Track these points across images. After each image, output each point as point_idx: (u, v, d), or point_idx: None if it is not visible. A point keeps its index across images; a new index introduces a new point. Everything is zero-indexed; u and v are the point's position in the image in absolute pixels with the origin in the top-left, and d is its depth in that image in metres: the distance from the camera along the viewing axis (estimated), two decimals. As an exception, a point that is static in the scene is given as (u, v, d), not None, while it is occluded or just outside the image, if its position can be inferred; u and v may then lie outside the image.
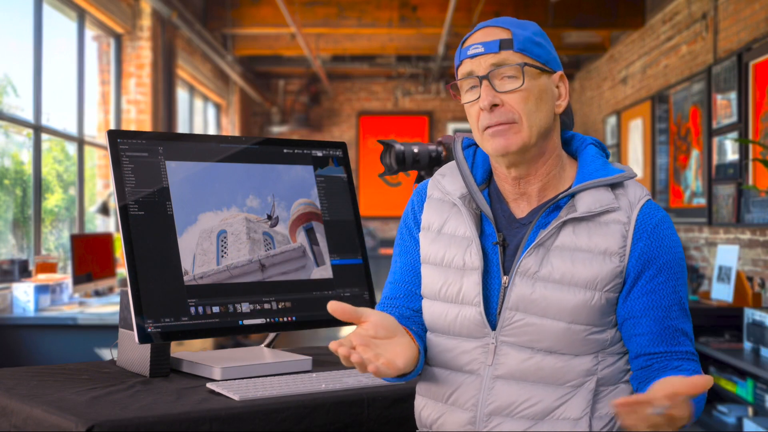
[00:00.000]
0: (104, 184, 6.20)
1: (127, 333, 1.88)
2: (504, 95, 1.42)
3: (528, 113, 1.42)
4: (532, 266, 1.41)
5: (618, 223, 1.42)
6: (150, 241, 1.78)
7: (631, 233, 1.42)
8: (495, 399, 1.41)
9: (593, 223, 1.42)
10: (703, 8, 5.96)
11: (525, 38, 1.44)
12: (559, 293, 1.40)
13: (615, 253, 1.41)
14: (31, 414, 1.55)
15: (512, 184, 1.48)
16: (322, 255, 2.01)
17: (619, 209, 1.43)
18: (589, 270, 1.40)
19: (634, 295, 1.42)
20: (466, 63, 1.46)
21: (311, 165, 2.06)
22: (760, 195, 4.86)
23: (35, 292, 4.35)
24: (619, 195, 1.45)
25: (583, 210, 1.42)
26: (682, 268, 1.46)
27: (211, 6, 7.81)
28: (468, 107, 1.47)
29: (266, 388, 1.67)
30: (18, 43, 5.20)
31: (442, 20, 7.42)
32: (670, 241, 1.44)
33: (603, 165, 1.47)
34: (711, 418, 4.69)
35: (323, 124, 11.21)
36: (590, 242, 1.41)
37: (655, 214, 1.45)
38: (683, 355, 1.43)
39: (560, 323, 1.40)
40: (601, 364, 1.42)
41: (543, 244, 1.42)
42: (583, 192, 1.44)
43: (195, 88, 8.74)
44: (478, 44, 1.44)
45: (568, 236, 1.42)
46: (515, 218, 1.48)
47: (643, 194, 1.46)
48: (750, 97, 5.07)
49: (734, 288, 4.90)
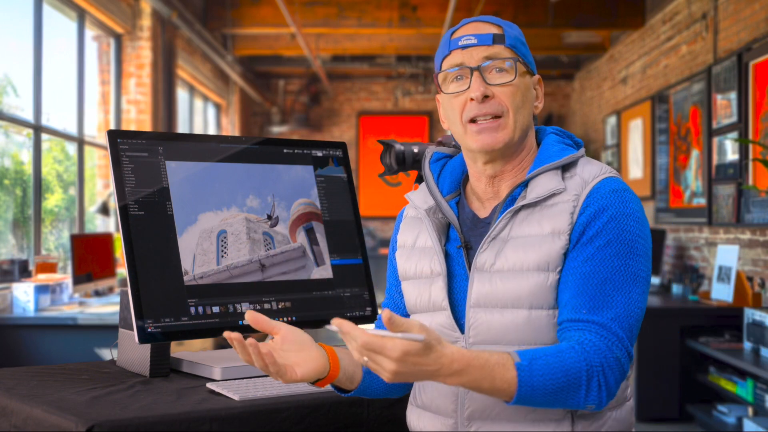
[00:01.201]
0: (104, 184, 6.20)
1: (127, 333, 1.88)
2: (495, 88, 1.43)
3: (515, 108, 1.44)
4: (487, 260, 1.42)
5: (566, 203, 1.40)
6: (150, 241, 1.78)
7: (579, 208, 1.39)
8: (471, 403, 1.40)
9: (543, 207, 1.41)
10: (703, 8, 5.96)
11: (515, 36, 1.47)
12: (515, 281, 1.39)
13: (564, 231, 1.38)
14: (31, 414, 1.55)
15: (486, 183, 1.49)
16: (322, 255, 2.01)
17: (564, 190, 1.41)
18: (538, 253, 1.38)
19: (568, 259, 1.37)
20: (456, 54, 1.45)
21: (311, 165, 2.06)
22: (760, 195, 4.86)
23: (35, 292, 4.35)
24: (570, 177, 1.43)
25: (531, 197, 1.41)
26: (631, 240, 1.36)
27: (211, 6, 7.81)
28: (451, 98, 1.46)
29: (266, 388, 1.67)
30: (18, 43, 5.20)
31: (442, 20, 7.42)
32: (619, 209, 1.37)
33: (559, 151, 1.46)
34: (711, 418, 4.68)
35: (323, 124, 11.21)
36: (540, 228, 1.40)
37: (611, 185, 1.40)
38: (585, 326, 1.33)
39: (521, 311, 1.38)
40: None
41: (497, 237, 1.42)
42: (536, 179, 1.44)
43: (195, 88, 8.74)
44: (470, 35, 1.45)
45: (520, 225, 1.41)
46: (479, 219, 1.49)
47: (601, 172, 1.43)
48: (750, 97, 5.07)
49: (734, 288, 4.90)
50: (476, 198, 1.52)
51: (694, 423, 5.06)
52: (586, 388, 1.28)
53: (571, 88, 10.55)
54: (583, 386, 1.28)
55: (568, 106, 10.71)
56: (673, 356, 5.13)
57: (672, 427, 5.12)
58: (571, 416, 1.37)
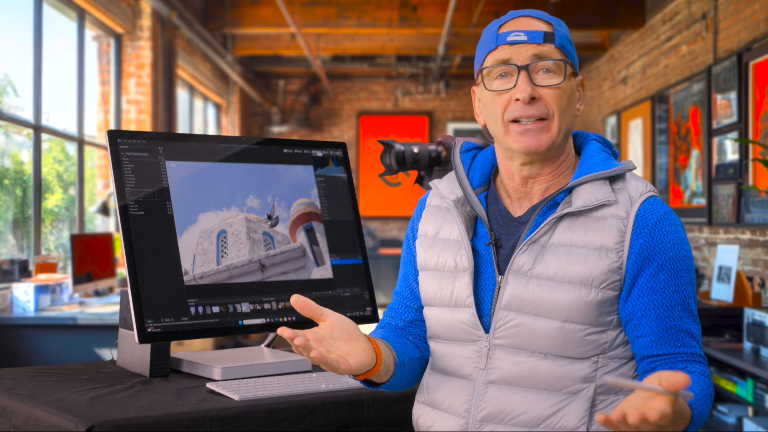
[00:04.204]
0: (104, 184, 6.20)
1: (127, 333, 1.88)
2: (542, 89, 1.38)
3: (561, 111, 1.39)
4: (525, 264, 1.37)
5: (615, 218, 1.36)
6: (150, 241, 1.78)
7: (630, 229, 1.35)
8: (487, 405, 1.37)
9: (590, 218, 1.37)
10: (703, 8, 5.96)
11: (564, 36, 1.41)
12: (553, 291, 1.35)
13: (612, 248, 1.35)
14: (31, 414, 1.55)
15: (520, 183, 1.44)
16: (322, 255, 2.01)
17: (616, 203, 1.37)
18: (583, 266, 1.34)
19: (635, 294, 1.36)
20: (503, 49, 1.39)
21: (311, 165, 2.06)
22: (760, 195, 4.86)
23: (35, 292, 4.35)
24: (618, 189, 1.39)
25: (578, 205, 1.37)
26: (688, 267, 1.38)
27: (211, 6, 7.81)
28: (494, 96, 1.40)
29: (266, 388, 1.67)
30: (18, 43, 5.20)
31: (442, 20, 7.42)
32: (673, 237, 1.37)
33: (604, 160, 1.42)
34: (711, 418, 4.68)
35: (323, 124, 11.21)
36: (586, 238, 1.36)
37: (658, 210, 1.38)
38: (689, 357, 1.36)
39: (554, 322, 1.34)
40: (601, 371, 1.35)
41: (538, 241, 1.38)
42: (581, 187, 1.39)
43: (195, 88, 8.74)
44: (519, 32, 1.38)
45: (564, 233, 1.37)
46: (513, 217, 1.45)
47: (647, 190, 1.40)
48: (750, 97, 5.07)
49: (734, 288, 4.90)
50: (507, 195, 1.47)
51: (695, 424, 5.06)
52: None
53: (571, 88, 10.55)
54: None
55: (568, 106, 10.71)
56: (673, 356, 5.12)
57: (672, 427, 5.11)
58: (586, 426, 1.34)
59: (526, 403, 1.35)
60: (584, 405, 1.34)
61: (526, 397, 1.35)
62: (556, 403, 1.34)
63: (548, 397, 1.35)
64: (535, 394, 1.35)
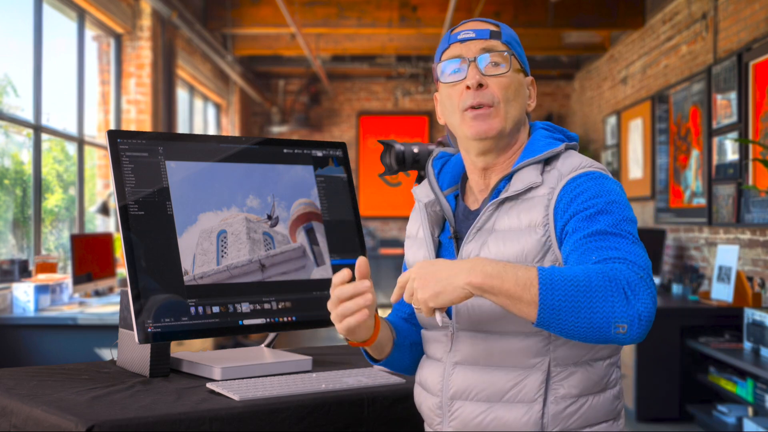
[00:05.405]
0: (104, 184, 6.20)
1: (127, 333, 1.88)
2: (489, 78, 1.50)
3: (506, 100, 1.50)
4: (473, 251, 1.48)
5: (542, 197, 1.45)
6: (150, 241, 1.78)
7: (554, 201, 1.43)
8: (454, 384, 1.48)
9: (521, 201, 1.47)
10: (703, 8, 5.96)
11: (511, 35, 1.56)
12: None
13: (539, 223, 1.43)
14: (31, 414, 1.55)
15: (479, 175, 1.56)
16: (322, 255, 2.01)
17: (541, 184, 1.46)
18: (517, 245, 1.43)
19: (565, 240, 1.39)
20: (455, 47, 1.54)
21: (311, 165, 2.06)
22: (760, 195, 4.86)
23: (35, 292, 4.35)
24: (549, 171, 1.48)
25: (511, 190, 1.47)
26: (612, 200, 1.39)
27: (211, 6, 7.81)
28: (449, 88, 1.53)
29: (266, 388, 1.67)
30: (18, 43, 5.20)
31: (442, 20, 7.42)
32: (593, 184, 1.41)
33: (545, 145, 1.51)
34: (711, 418, 4.68)
35: (323, 124, 11.21)
36: (518, 220, 1.45)
37: (588, 176, 1.43)
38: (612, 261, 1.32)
39: None
40: (554, 344, 1.43)
41: (482, 228, 1.49)
42: (517, 173, 1.49)
43: (195, 88, 8.74)
44: (469, 30, 1.54)
45: (503, 218, 1.47)
46: (470, 211, 1.58)
47: (580, 166, 1.46)
48: (750, 97, 5.07)
49: (734, 288, 4.90)
50: (472, 192, 1.60)
51: (694, 423, 5.06)
52: (612, 297, 1.25)
53: (571, 88, 10.55)
54: (609, 294, 1.25)
55: (568, 106, 10.71)
56: (673, 356, 5.13)
57: (672, 427, 5.12)
58: (542, 398, 1.42)
59: (487, 380, 1.46)
60: (540, 377, 1.43)
61: (487, 375, 1.46)
62: (513, 377, 1.44)
63: (507, 373, 1.45)
64: (494, 371, 1.46)
